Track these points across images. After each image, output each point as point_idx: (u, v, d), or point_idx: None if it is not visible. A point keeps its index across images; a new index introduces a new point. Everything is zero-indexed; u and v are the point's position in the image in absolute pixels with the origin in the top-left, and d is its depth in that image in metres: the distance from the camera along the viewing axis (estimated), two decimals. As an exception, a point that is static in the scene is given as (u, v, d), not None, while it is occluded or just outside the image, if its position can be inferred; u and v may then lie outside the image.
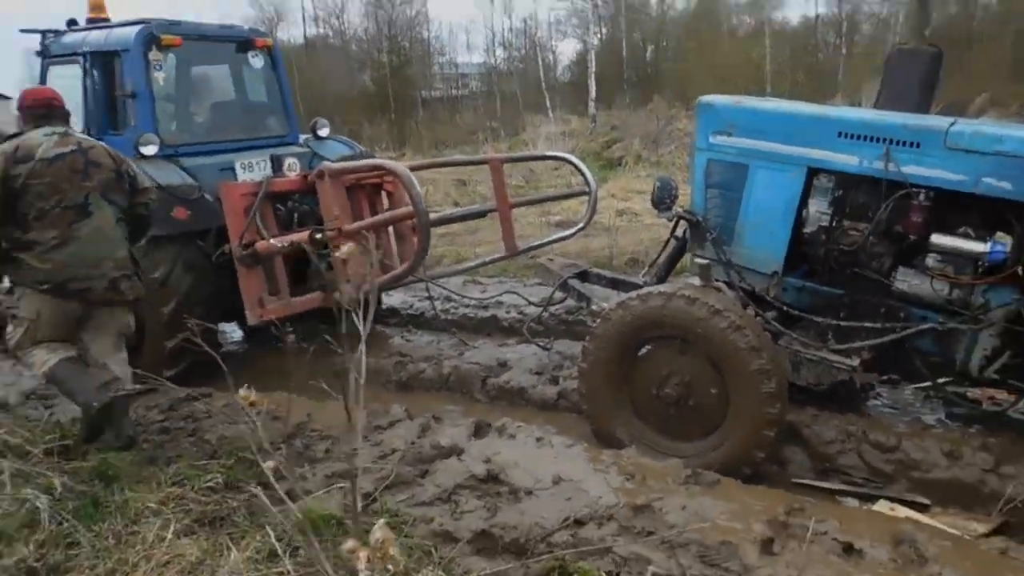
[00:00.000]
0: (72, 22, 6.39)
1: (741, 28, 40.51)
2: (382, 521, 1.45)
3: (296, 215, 5.85)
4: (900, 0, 28.02)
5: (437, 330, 6.75)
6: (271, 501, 3.61)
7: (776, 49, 32.47)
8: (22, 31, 6.25)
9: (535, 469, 3.58)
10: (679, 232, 4.74)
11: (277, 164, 6.25)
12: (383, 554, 1.34)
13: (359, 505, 2.13)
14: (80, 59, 5.96)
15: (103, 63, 5.91)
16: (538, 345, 5.42)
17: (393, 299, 7.40)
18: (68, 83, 6.19)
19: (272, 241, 4.97)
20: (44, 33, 6.28)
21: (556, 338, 6.19)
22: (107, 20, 6.41)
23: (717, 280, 4.10)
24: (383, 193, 6.20)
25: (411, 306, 7.39)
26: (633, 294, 3.97)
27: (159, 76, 5.83)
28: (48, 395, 5.33)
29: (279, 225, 5.55)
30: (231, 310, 5.69)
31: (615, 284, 5.26)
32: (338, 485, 3.58)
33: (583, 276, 5.29)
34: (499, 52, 39.55)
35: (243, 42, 6.46)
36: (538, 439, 3.88)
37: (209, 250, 5.60)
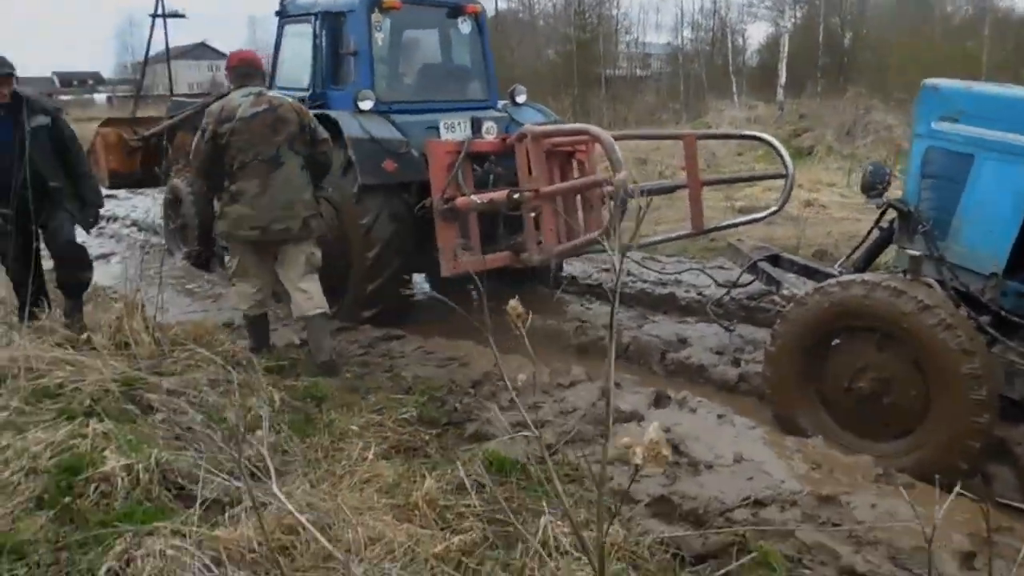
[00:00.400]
0: (301, -17, 6.93)
1: (957, 15, 37.16)
2: (655, 424, 1.56)
3: (492, 176, 6.09)
4: None
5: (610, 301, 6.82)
6: (459, 439, 3.89)
7: (996, 40, 29.49)
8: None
9: (715, 445, 3.60)
10: (884, 223, 4.51)
11: (476, 126, 6.51)
12: (656, 452, 1.45)
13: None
14: (312, 18, 6.47)
15: (331, 23, 6.39)
16: (721, 325, 5.36)
17: (574, 268, 7.54)
18: (301, 40, 6.76)
19: (472, 198, 5.21)
20: (283, -7, 6.85)
21: (736, 322, 6.11)
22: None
23: (926, 276, 3.87)
24: (574, 162, 6.32)
25: (590, 276, 7.50)
26: (833, 280, 3.84)
27: (378, 36, 6.22)
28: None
29: (476, 184, 5.81)
30: (425, 261, 6.02)
31: (807, 271, 5.08)
32: (523, 434, 3.74)
33: (773, 260, 5.15)
34: (686, 33, 38.61)
35: (453, 8, 6.75)
36: (719, 416, 3.88)
37: (411, 202, 5.95)
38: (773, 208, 5.73)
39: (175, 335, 5.18)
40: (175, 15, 43.34)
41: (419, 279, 7.46)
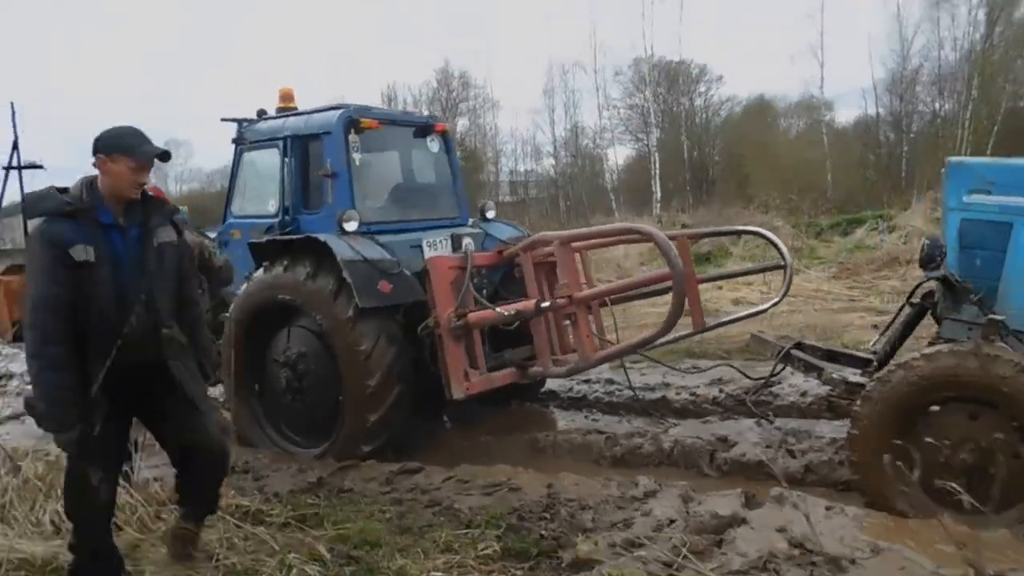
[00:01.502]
0: (262, 112, 6.68)
1: (792, 130, 41.17)
2: None
3: (484, 290, 5.89)
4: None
5: (609, 412, 6.62)
6: (557, 570, 3.45)
7: (834, 149, 32.74)
8: (223, 120, 6.53)
9: (842, 538, 3.36)
10: (916, 298, 4.59)
11: (456, 243, 6.32)
12: None
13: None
14: (279, 143, 6.19)
15: (302, 146, 6.13)
16: (763, 418, 5.22)
17: (549, 383, 7.29)
18: (263, 167, 6.46)
19: (499, 310, 4.93)
20: (240, 122, 6.56)
21: (734, 416, 6.03)
22: (294, 109, 6.70)
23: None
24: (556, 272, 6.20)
25: (570, 388, 7.27)
26: (916, 354, 3.81)
27: (356, 157, 6.01)
28: (257, 469, 5.26)
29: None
30: (421, 385, 5.61)
31: (832, 356, 5.08)
32: (634, 554, 3.36)
33: (798, 348, 5.13)
34: (548, 161, 40.43)
35: (423, 127, 6.67)
36: (827, 508, 3.65)
37: (403, 324, 5.58)
38: (775, 299, 5.78)
39: (156, 495, 4.51)
40: (33, 166, 41.40)
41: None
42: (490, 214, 7.04)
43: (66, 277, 2.93)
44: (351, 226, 5.69)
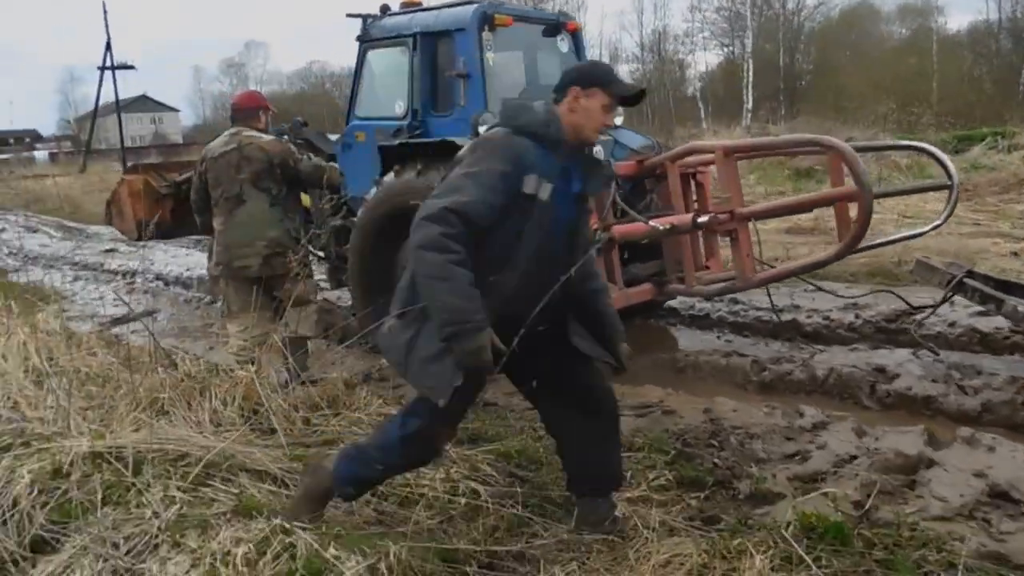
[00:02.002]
0: (385, 8, 6.38)
1: (895, 37, 38.55)
2: None
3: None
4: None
5: (735, 331, 6.38)
6: (734, 501, 3.29)
7: (943, 58, 30.55)
8: (348, 15, 6.28)
9: (1053, 487, 3.11)
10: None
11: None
12: None
13: None
14: (407, 41, 5.91)
15: (431, 44, 5.84)
16: (929, 350, 4.90)
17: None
18: (389, 65, 6.21)
19: (653, 223, 4.68)
20: (365, 18, 6.28)
21: (880, 345, 5.70)
22: (419, 5, 6.38)
23: None
24: (692, 184, 5.87)
25: (691, 306, 7.03)
26: None
27: (490, 56, 5.70)
28: (392, 377, 5.24)
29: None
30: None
31: (1006, 287, 4.70)
32: (825, 490, 3.17)
33: (970, 276, 4.75)
34: (627, 67, 38.88)
35: (554, 25, 6.28)
36: (1028, 453, 3.40)
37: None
38: (938, 221, 5.35)
39: (307, 400, 4.54)
40: (124, 67, 42.12)
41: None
42: (618, 120, 6.68)
43: (501, 202, 2.47)
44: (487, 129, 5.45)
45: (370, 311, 5.97)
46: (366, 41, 6.27)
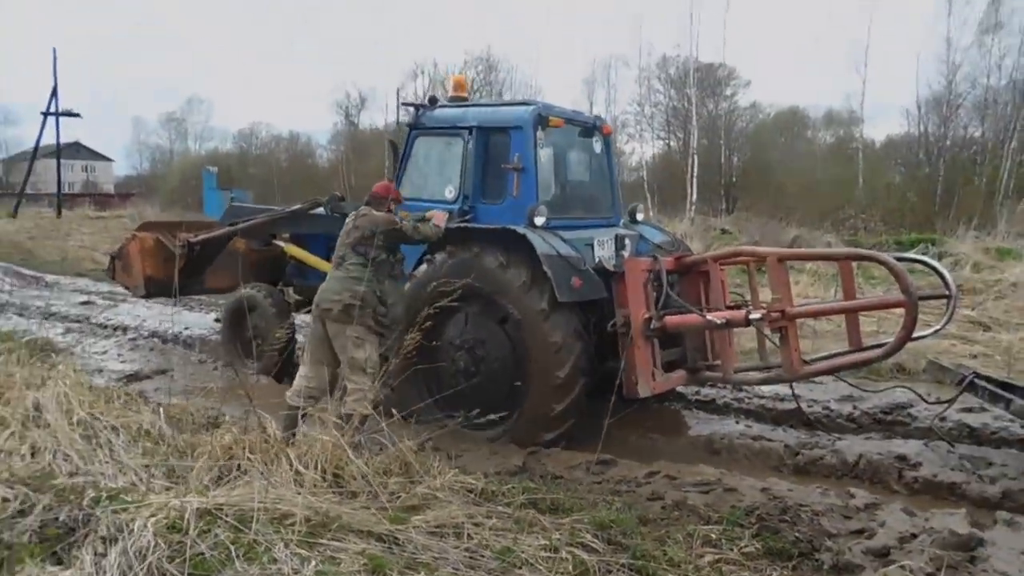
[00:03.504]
0: (433, 100, 6.84)
1: (822, 143, 41.29)
2: None
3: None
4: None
5: (744, 416, 6.87)
6: (821, 573, 3.69)
7: (867, 167, 32.85)
8: (403, 104, 6.71)
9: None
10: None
11: (620, 243, 6.55)
12: None
13: None
14: (462, 132, 6.37)
15: (486, 137, 6.30)
16: (946, 441, 5.47)
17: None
18: (438, 152, 6.64)
19: (710, 316, 5.16)
20: (418, 107, 6.73)
21: (867, 436, 6.25)
22: (466, 99, 6.89)
23: None
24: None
25: (697, 392, 7.50)
26: None
27: (542, 153, 6.21)
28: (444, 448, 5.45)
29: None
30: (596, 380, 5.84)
31: (1007, 387, 5.33)
32: (896, 563, 3.60)
33: (977, 377, 5.37)
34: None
35: (591, 127, 6.87)
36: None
37: (586, 321, 5.80)
38: (937, 327, 6.01)
39: (382, 466, 4.74)
40: (70, 114, 41.23)
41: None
42: (639, 216, 7.27)
43: None
44: (540, 220, 5.90)
45: (411, 383, 6.20)
46: (417, 128, 6.70)
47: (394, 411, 4.85)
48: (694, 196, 31.13)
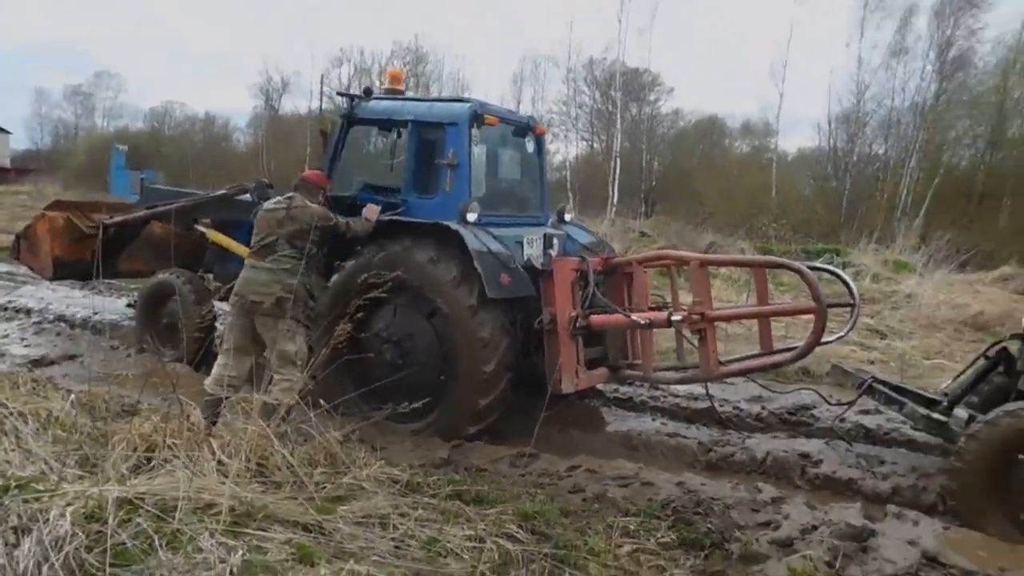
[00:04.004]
0: (368, 91, 6.81)
1: (737, 152, 42.82)
2: None
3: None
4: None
5: (657, 414, 7.13)
6: (727, 561, 3.91)
7: (780, 177, 34.25)
8: (338, 94, 6.66)
9: (971, 556, 3.96)
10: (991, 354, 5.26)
11: (548, 242, 6.70)
12: None
13: None
14: (396, 126, 6.39)
15: (422, 132, 6.34)
16: (845, 440, 5.83)
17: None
18: (365, 143, 6.64)
19: (634, 316, 5.35)
20: (353, 98, 6.69)
21: (774, 434, 6.62)
22: (402, 92, 6.90)
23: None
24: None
25: (615, 390, 7.73)
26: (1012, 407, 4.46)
27: (476, 151, 6.29)
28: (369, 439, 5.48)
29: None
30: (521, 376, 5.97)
31: (901, 391, 5.73)
32: (798, 553, 3.86)
33: (876, 381, 5.75)
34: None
35: (524, 127, 7.00)
36: (944, 528, 4.26)
37: (512, 318, 5.92)
38: (841, 333, 6.38)
39: (307, 457, 4.74)
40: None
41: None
42: (568, 216, 7.44)
43: None
44: (473, 216, 5.99)
45: (336, 374, 6.19)
46: (351, 119, 6.66)
47: (321, 402, 4.84)
48: (615, 198, 31.79)
